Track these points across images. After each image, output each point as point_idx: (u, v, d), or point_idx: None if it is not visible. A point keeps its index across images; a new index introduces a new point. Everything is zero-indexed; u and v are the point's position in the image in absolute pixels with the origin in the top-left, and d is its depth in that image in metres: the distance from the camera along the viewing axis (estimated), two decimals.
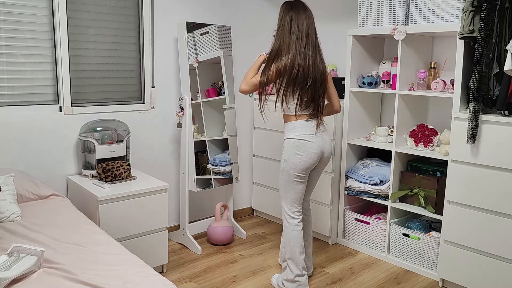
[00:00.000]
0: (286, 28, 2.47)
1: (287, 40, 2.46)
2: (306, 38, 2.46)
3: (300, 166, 2.51)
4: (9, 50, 2.73)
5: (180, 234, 3.40)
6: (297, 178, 2.55)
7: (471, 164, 2.61)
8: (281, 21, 2.51)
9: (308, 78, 2.46)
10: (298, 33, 2.45)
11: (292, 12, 2.48)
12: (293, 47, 2.44)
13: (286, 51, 2.46)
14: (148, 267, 1.84)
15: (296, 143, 2.51)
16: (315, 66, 2.47)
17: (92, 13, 3.02)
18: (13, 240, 2.01)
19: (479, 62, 2.47)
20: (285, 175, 2.56)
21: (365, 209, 3.51)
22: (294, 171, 2.52)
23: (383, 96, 3.51)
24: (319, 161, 2.59)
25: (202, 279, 2.88)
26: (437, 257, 2.90)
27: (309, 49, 2.46)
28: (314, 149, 2.52)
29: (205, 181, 3.35)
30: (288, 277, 2.63)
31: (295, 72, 2.43)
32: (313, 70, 2.47)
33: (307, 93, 2.48)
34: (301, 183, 2.57)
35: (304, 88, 2.46)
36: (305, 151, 2.50)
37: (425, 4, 2.84)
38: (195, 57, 3.23)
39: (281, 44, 2.48)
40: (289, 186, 2.56)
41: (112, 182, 2.80)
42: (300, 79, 2.44)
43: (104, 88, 3.16)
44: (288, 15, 2.48)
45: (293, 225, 2.60)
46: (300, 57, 2.43)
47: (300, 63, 2.43)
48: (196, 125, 3.30)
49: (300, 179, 2.55)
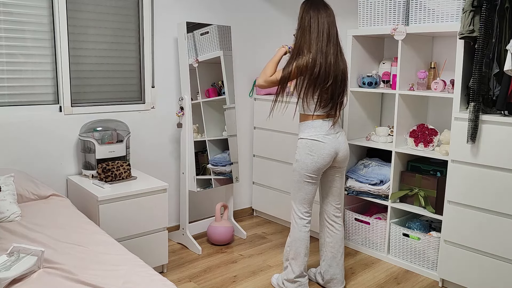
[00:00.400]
0: (306, 27, 2.44)
1: (308, 39, 2.43)
2: (327, 36, 2.42)
3: (312, 166, 2.48)
4: (9, 50, 2.73)
5: (180, 234, 3.40)
6: (308, 179, 2.51)
7: (471, 164, 2.61)
8: (301, 20, 2.47)
9: (329, 77, 2.42)
10: (319, 31, 2.41)
11: (312, 10, 2.44)
12: (314, 46, 2.41)
13: (307, 50, 2.42)
14: (148, 267, 1.84)
15: (308, 144, 2.48)
16: (336, 64, 2.44)
17: (92, 13, 3.02)
18: (13, 240, 2.01)
19: (479, 62, 2.47)
20: (296, 175, 2.53)
21: (365, 209, 3.51)
22: (305, 171, 2.49)
23: (383, 96, 3.51)
24: (333, 162, 2.55)
25: (202, 279, 2.88)
26: (437, 257, 2.90)
27: (331, 47, 2.43)
28: (326, 150, 2.48)
29: (205, 181, 3.35)
30: (288, 277, 2.62)
31: (317, 71, 2.40)
32: (335, 69, 2.44)
33: (327, 92, 2.45)
34: (312, 184, 2.53)
35: (325, 87, 2.43)
36: (317, 151, 2.47)
37: (425, 4, 2.84)
38: (195, 57, 3.23)
39: (302, 43, 2.45)
40: (300, 186, 2.54)
41: (112, 182, 2.80)
42: (321, 78, 2.41)
43: (104, 88, 3.16)
44: (308, 13, 2.44)
45: (300, 225, 2.57)
46: (321, 56, 2.40)
47: (321, 62, 2.40)
48: (196, 125, 3.30)
49: (311, 179, 2.52)
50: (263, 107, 3.80)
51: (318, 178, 2.55)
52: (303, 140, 2.50)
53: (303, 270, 2.60)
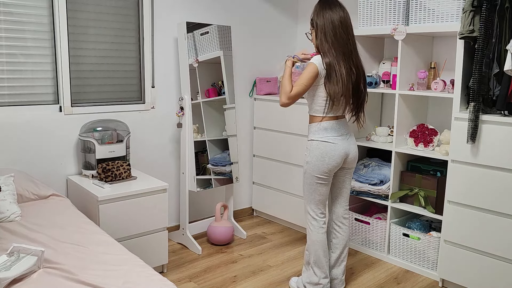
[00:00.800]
0: (323, 29, 2.38)
1: (324, 41, 2.38)
2: (346, 37, 2.39)
3: (323, 168, 2.45)
4: (9, 50, 2.73)
5: (180, 234, 3.40)
6: (320, 180, 2.48)
7: (471, 164, 2.61)
8: (317, 20, 2.41)
9: (357, 84, 2.42)
10: (335, 33, 2.36)
11: (330, 9, 2.39)
12: (331, 48, 2.36)
13: (325, 53, 2.38)
14: (148, 267, 1.84)
15: (319, 145, 2.45)
16: (354, 66, 2.42)
17: (92, 13, 3.02)
18: (13, 240, 2.01)
19: (479, 62, 2.47)
20: (308, 177, 2.50)
21: (365, 209, 3.51)
22: (317, 173, 2.47)
23: (383, 96, 3.51)
24: (343, 163, 2.53)
25: (202, 279, 2.88)
26: (437, 257, 2.90)
27: (348, 49, 2.40)
28: (337, 152, 2.45)
29: (205, 181, 3.35)
30: (312, 280, 2.60)
31: (335, 75, 2.36)
32: (352, 72, 2.41)
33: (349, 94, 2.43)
34: (325, 185, 2.51)
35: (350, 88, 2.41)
36: (327, 153, 2.44)
37: (425, 4, 2.84)
38: (195, 57, 3.23)
39: (319, 46, 2.41)
40: (313, 188, 2.50)
41: (112, 182, 2.80)
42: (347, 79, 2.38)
43: (104, 88, 3.16)
44: (324, 14, 2.39)
45: (317, 227, 2.55)
46: (338, 59, 2.36)
47: (337, 65, 2.36)
48: (196, 125, 3.30)
49: (323, 181, 2.49)
50: (263, 107, 3.80)
51: (330, 178, 2.53)
52: (314, 142, 2.47)
53: (325, 271, 2.59)
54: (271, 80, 3.89)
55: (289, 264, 3.12)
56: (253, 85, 3.91)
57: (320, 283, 2.59)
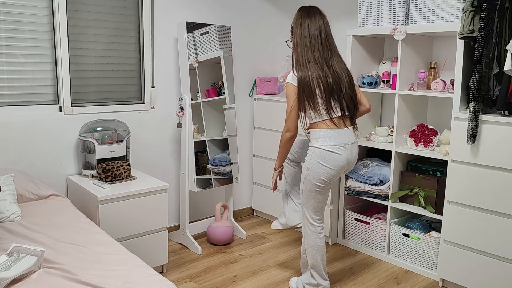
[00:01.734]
0: (303, 37, 2.40)
1: (300, 50, 2.40)
2: (325, 45, 2.40)
3: (324, 177, 2.42)
4: (9, 50, 2.73)
5: (180, 234, 3.40)
6: (319, 188, 2.46)
7: (471, 164, 2.61)
8: (295, 28, 2.44)
9: (338, 87, 2.41)
10: (312, 42, 2.38)
11: (309, 19, 2.41)
12: (305, 58, 2.38)
13: (299, 64, 2.40)
14: (148, 267, 1.84)
15: (322, 154, 2.40)
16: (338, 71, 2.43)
17: (92, 13, 3.02)
18: (13, 240, 2.01)
19: (479, 62, 2.47)
20: (307, 183, 2.47)
21: (365, 209, 3.51)
22: (317, 181, 2.43)
23: (383, 96, 3.51)
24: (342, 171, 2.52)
25: (202, 279, 2.88)
26: (437, 257, 2.90)
27: (331, 56, 2.41)
28: (340, 162, 2.42)
29: (205, 181, 3.35)
30: (311, 282, 2.60)
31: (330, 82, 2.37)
32: (338, 77, 2.41)
33: (338, 101, 2.42)
34: (323, 193, 2.50)
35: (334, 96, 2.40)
36: (330, 162, 2.40)
37: (425, 4, 2.84)
38: (195, 57, 3.23)
39: (295, 54, 2.43)
40: (312, 195, 2.48)
41: (112, 182, 2.80)
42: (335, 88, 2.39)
43: (104, 88, 3.16)
44: (305, 22, 2.41)
45: (315, 233, 2.54)
46: (322, 68, 2.38)
47: (328, 73, 2.37)
48: (196, 125, 3.30)
49: (321, 189, 2.47)
50: (263, 107, 3.80)
51: (329, 187, 2.50)
52: (316, 149, 2.42)
53: (323, 275, 2.59)
54: (271, 80, 3.89)
55: (289, 264, 3.12)
56: (253, 85, 3.91)
57: (320, 284, 2.59)
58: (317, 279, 2.58)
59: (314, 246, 2.55)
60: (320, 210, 2.55)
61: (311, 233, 2.55)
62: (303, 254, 2.62)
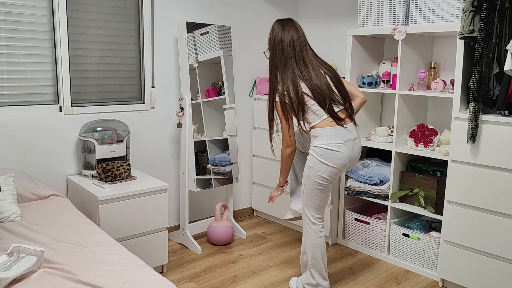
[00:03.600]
0: (273, 48, 2.48)
1: (274, 60, 2.47)
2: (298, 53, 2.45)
3: (326, 175, 2.44)
4: (9, 50, 2.73)
5: (180, 234, 3.40)
6: (321, 186, 2.47)
7: (471, 164, 2.61)
8: (270, 40, 2.51)
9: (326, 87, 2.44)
10: (285, 52, 2.44)
11: (281, 31, 2.47)
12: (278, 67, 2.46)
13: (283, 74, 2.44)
14: (148, 267, 1.84)
15: (322, 152, 2.41)
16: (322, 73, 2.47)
17: (92, 13, 3.02)
18: (13, 240, 2.01)
19: (479, 62, 2.47)
20: (309, 182, 2.48)
21: (365, 209, 3.51)
22: (318, 179, 2.45)
23: (383, 96, 3.51)
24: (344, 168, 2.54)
25: (202, 279, 2.88)
26: (437, 257, 2.90)
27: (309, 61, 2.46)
28: (341, 160, 2.43)
29: (205, 181, 3.35)
30: (310, 282, 2.60)
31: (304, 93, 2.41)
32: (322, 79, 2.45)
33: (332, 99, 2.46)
34: (324, 192, 2.51)
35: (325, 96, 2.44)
36: (331, 161, 2.41)
37: (425, 4, 2.85)
38: (195, 57, 3.23)
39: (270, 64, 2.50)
40: (313, 194, 2.49)
41: (112, 182, 2.80)
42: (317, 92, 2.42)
43: (104, 88, 3.16)
44: (276, 34, 2.48)
45: (316, 231, 2.55)
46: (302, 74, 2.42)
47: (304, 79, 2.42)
48: (196, 125, 3.30)
49: (323, 187, 2.48)
50: (263, 107, 3.79)
51: (330, 185, 2.51)
52: (317, 148, 2.44)
53: (323, 274, 2.59)
54: None
55: (289, 264, 3.12)
56: (253, 85, 3.91)
57: (320, 284, 2.59)
58: (317, 279, 2.58)
59: (315, 244, 2.55)
60: (321, 209, 2.56)
61: (312, 232, 2.55)
62: (303, 254, 2.62)
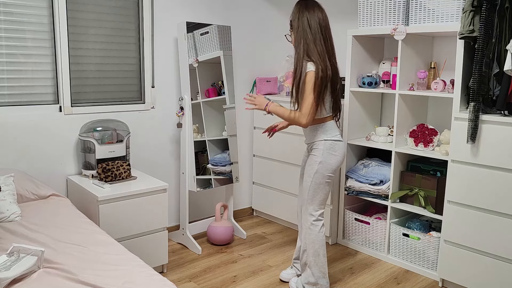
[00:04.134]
0: (306, 29, 2.43)
1: (304, 43, 2.44)
2: (326, 38, 2.46)
3: (336, 166, 2.54)
4: (9, 50, 2.73)
5: (180, 234, 3.40)
6: (329, 179, 2.55)
7: (471, 164, 2.61)
8: (296, 22, 2.47)
9: (338, 78, 2.53)
10: (315, 35, 2.43)
11: (308, 11, 2.45)
12: (315, 50, 2.42)
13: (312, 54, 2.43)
14: (148, 267, 1.84)
15: (332, 145, 2.52)
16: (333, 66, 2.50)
17: (92, 13, 3.02)
18: (13, 240, 2.01)
19: (479, 62, 2.47)
20: (319, 177, 2.52)
21: (365, 209, 3.51)
22: (329, 171, 2.53)
23: (383, 96, 3.51)
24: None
25: (202, 279, 2.88)
26: (437, 257, 2.90)
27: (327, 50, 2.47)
28: (343, 149, 2.58)
29: (205, 181, 3.35)
30: (309, 280, 2.60)
31: (330, 75, 2.44)
32: (336, 70, 2.52)
33: (336, 93, 2.56)
34: (330, 184, 2.58)
35: (335, 89, 2.53)
36: (339, 151, 2.55)
37: (425, 4, 2.84)
38: (195, 57, 3.23)
39: (300, 48, 2.45)
40: (321, 188, 2.54)
41: (112, 182, 2.80)
42: (334, 81, 2.49)
43: (104, 88, 3.16)
44: (302, 17, 2.45)
45: (319, 227, 2.57)
46: (328, 60, 2.44)
47: (329, 66, 2.44)
48: (196, 125, 3.30)
49: (330, 179, 2.56)
50: None
51: (334, 177, 2.64)
52: (328, 141, 2.52)
53: (324, 271, 2.60)
54: (271, 80, 3.89)
55: (289, 264, 3.12)
56: (253, 85, 3.91)
57: (318, 283, 2.59)
58: (317, 278, 2.58)
59: (316, 241, 2.56)
60: (324, 203, 2.62)
61: (314, 228, 2.56)
62: (303, 254, 2.62)
